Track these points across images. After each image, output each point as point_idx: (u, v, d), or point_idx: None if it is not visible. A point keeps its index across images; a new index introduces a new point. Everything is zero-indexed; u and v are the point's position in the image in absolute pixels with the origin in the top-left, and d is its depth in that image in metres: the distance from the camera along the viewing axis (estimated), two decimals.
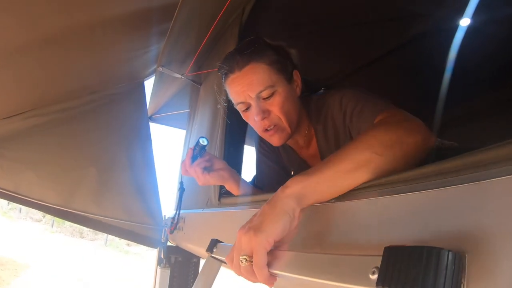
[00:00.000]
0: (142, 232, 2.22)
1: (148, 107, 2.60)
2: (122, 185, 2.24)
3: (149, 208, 2.27)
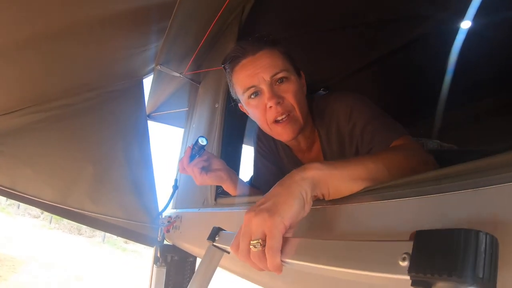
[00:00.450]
0: (138, 230, 2.21)
1: (146, 105, 2.59)
2: (119, 183, 2.23)
3: (146, 206, 2.25)
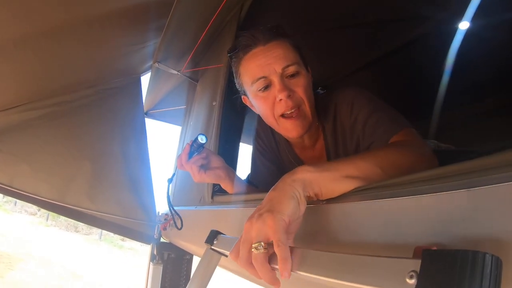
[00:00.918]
0: (135, 227, 2.21)
1: (144, 103, 2.59)
2: (116, 180, 2.23)
3: (143, 204, 2.25)
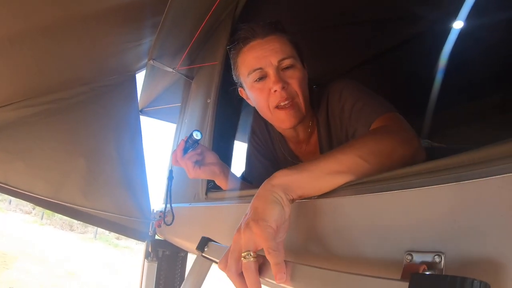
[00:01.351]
0: (130, 225, 2.21)
1: (139, 100, 2.59)
2: (111, 177, 2.23)
3: (137, 201, 2.25)
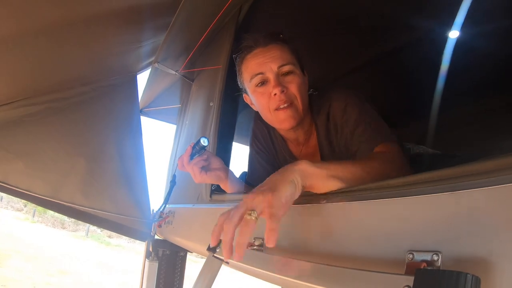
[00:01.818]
0: (130, 225, 2.22)
1: (139, 101, 2.60)
2: (111, 177, 2.24)
3: (137, 201, 2.27)
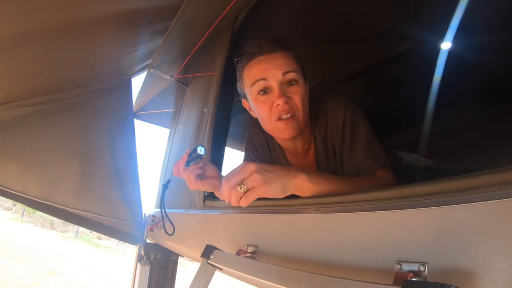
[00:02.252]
0: (122, 228, 2.22)
1: (133, 104, 2.60)
2: (104, 180, 2.23)
3: (130, 204, 2.27)
